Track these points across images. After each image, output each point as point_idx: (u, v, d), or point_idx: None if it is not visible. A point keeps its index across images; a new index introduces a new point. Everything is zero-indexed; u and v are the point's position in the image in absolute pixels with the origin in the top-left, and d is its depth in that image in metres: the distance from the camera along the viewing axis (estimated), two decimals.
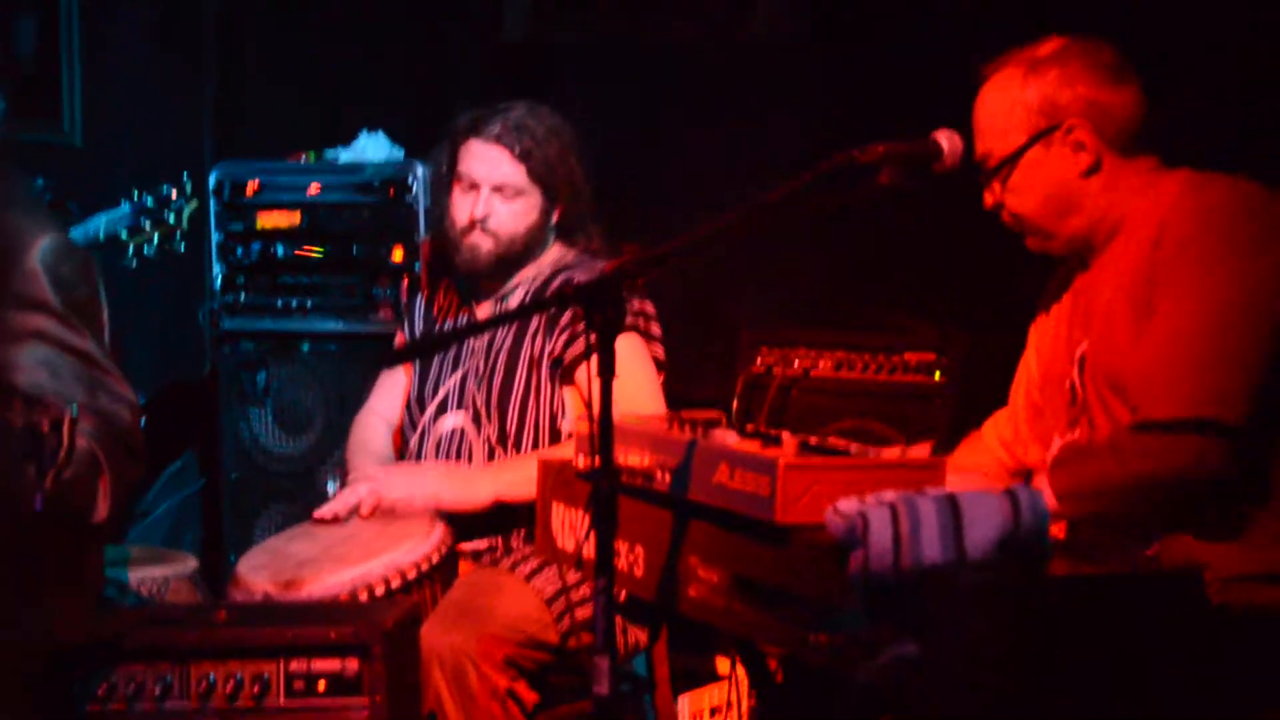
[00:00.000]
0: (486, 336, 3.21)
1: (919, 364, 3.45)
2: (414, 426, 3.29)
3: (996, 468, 2.69)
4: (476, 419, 3.19)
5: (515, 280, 3.24)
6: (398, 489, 3.07)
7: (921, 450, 2.38)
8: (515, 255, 3.21)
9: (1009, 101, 2.40)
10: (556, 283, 3.18)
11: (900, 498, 1.90)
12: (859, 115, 3.92)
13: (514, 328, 3.19)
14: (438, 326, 3.34)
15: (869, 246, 4.02)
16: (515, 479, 3.01)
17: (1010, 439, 2.68)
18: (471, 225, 3.18)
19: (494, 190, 3.17)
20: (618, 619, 3.07)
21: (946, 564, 1.84)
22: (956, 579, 1.84)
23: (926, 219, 3.79)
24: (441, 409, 3.24)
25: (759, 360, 3.66)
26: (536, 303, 2.60)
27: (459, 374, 3.23)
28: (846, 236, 3.99)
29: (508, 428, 3.16)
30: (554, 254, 3.28)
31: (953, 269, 3.99)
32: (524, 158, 3.15)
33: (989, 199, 2.49)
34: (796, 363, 3.60)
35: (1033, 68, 2.39)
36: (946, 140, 2.33)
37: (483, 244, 3.19)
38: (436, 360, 3.28)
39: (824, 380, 3.58)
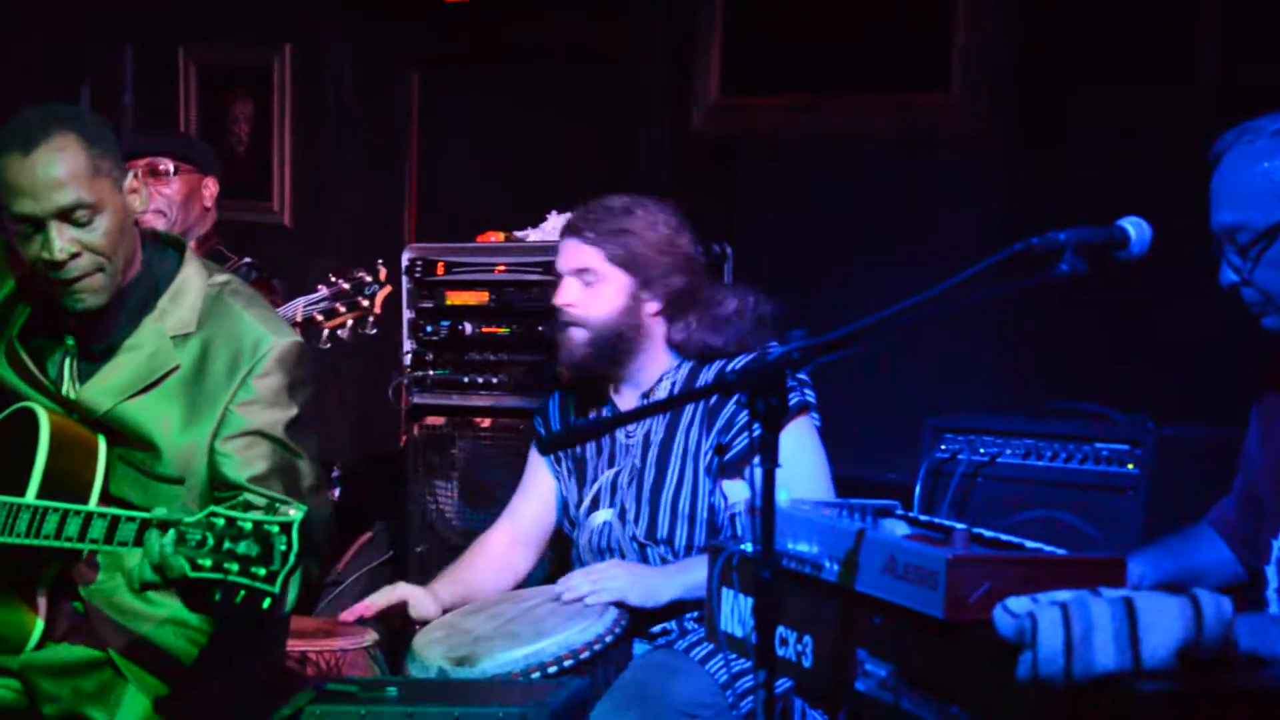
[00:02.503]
0: (641, 432, 3.19)
1: (1111, 454, 3.33)
2: (572, 525, 3.30)
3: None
4: (622, 515, 3.18)
5: (655, 374, 3.19)
6: (582, 589, 3.06)
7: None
8: (614, 344, 3.13)
9: (1270, 168, 2.26)
10: (710, 372, 3.14)
11: (1073, 598, 1.82)
12: (1045, 211, 3.87)
13: (667, 421, 3.15)
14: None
15: (1058, 334, 3.94)
16: (695, 581, 2.97)
17: (1228, 531, 2.53)
18: (559, 319, 3.17)
19: (574, 275, 3.14)
20: (797, 703, 3.02)
21: (1121, 670, 1.76)
22: (1132, 687, 1.76)
23: (1118, 306, 3.70)
24: (594, 505, 3.24)
25: (943, 446, 3.58)
26: (694, 390, 2.57)
27: (613, 471, 3.22)
28: (1035, 324, 3.92)
29: (657, 522, 3.14)
30: (671, 355, 3.19)
31: (1147, 357, 3.88)
32: (595, 242, 3.11)
33: (1230, 275, 2.34)
34: (982, 450, 3.51)
35: None
36: (1134, 228, 2.26)
37: (574, 336, 3.15)
38: (590, 459, 3.25)
39: (1011, 468, 3.48)
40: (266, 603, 2.22)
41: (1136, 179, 3.83)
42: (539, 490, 3.37)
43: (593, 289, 3.13)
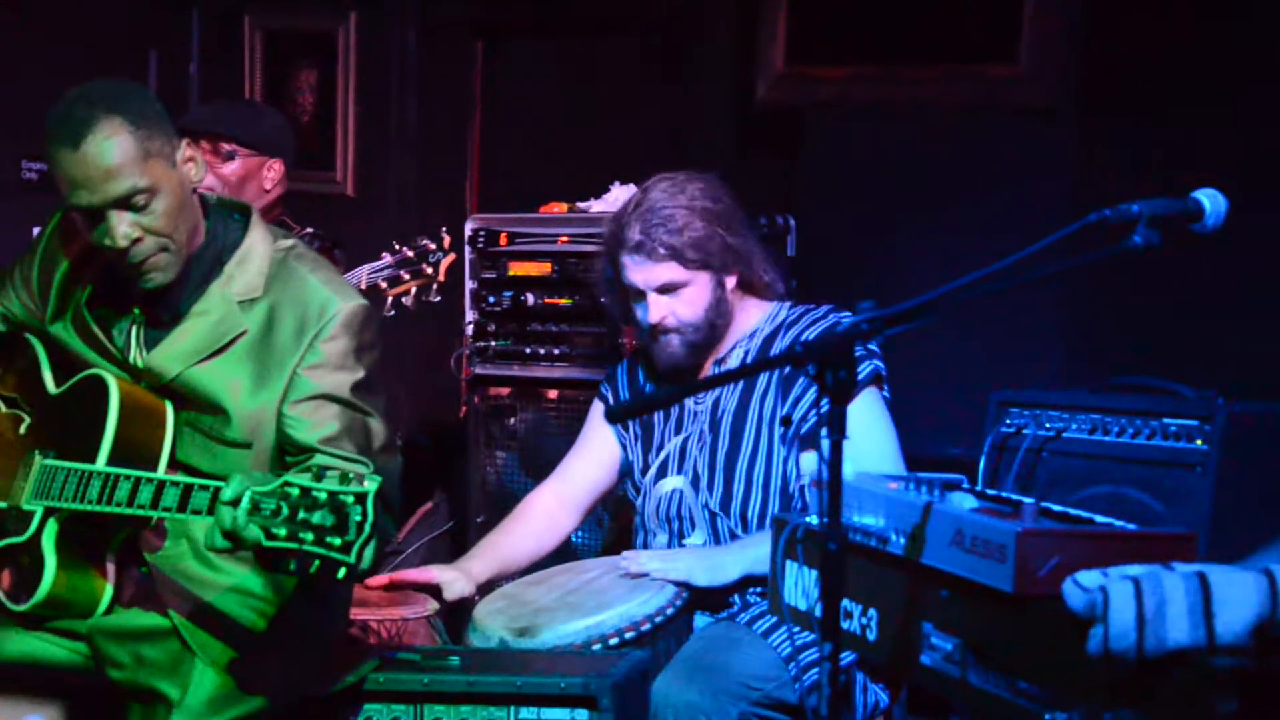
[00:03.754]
0: (710, 399, 3.18)
1: (1179, 430, 3.28)
2: (636, 491, 3.29)
3: None
4: (695, 483, 3.17)
5: (729, 342, 3.21)
6: (650, 564, 3.06)
7: None
8: (708, 335, 3.17)
9: None
10: (782, 340, 3.14)
11: (1146, 572, 1.79)
12: (1115, 185, 3.82)
13: (739, 389, 3.15)
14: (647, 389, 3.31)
15: (1125, 307, 3.89)
16: (762, 555, 2.96)
17: None
18: (654, 331, 3.17)
19: (659, 292, 3.14)
20: (859, 677, 3.01)
21: (1194, 646, 1.73)
22: (1206, 663, 1.73)
23: (1189, 281, 3.65)
24: (661, 472, 3.23)
25: (1008, 421, 3.54)
26: (769, 359, 2.55)
27: (681, 437, 3.22)
28: (1102, 297, 3.88)
29: (732, 490, 3.13)
30: (761, 309, 3.23)
31: (1217, 332, 3.83)
32: (670, 255, 3.10)
33: None
34: (1048, 425, 3.48)
35: None
36: (1209, 200, 2.22)
37: (672, 342, 3.16)
38: (657, 425, 3.25)
39: (1077, 443, 3.44)
40: (342, 572, 2.22)
41: (1208, 151, 3.78)
42: (597, 454, 3.36)
43: (680, 297, 3.14)
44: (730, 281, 3.17)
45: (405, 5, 5.32)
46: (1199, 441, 3.24)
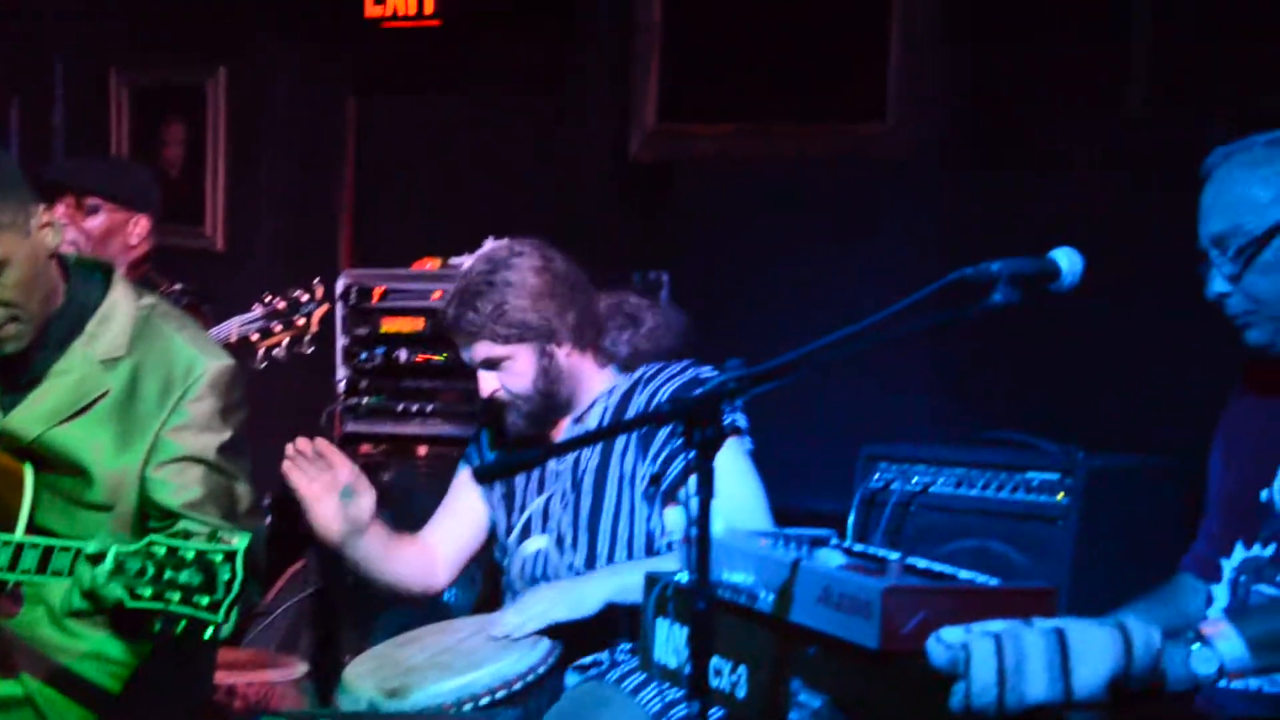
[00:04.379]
0: (571, 458, 3.17)
1: (1041, 484, 3.36)
2: (503, 553, 3.28)
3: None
4: (560, 543, 3.17)
5: (586, 399, 3.19)
6: (511, 624, 3.02)
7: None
8: (543, 404, 3.14)
9: (1265, 175, 2.28)
10: (640, 396, 3.13)
11: (1006, 629, 1.82)
12: (980, 237, 3.90)
13: (599, 447, 3.13)
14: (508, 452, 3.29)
15: (989, 363, 3.97)
16: (626, 584, 2.96)
17: (1199, 568, 2.49)
18: (491, 404, 3.18)
19: (484, 367, 3.15)
20: None
21: (1052, 701, 1.76)
22: (1062, 717, 1.76)
23: (1050, 336, 3.73)
24: (525, 533, 3.22)
25: (877, 475, 3.59)
26: (631, 419, 2.56)
27: (544, 497, 3.21)
28: (972, 351, 3.95)
29: (596, 549, 3.13)
30: (608, 371, 3.22)
31: (1076, 387, 3.92)
32: (480, 334, 3.09)
33: (1217, 285, 2.33)
34: (915, 479, 3.53)
35: None
36: (1066, 259, 2.27)
37: (509, 415, 3.16)
38: (519, 485, 3.24)
39: (944, 497, 3.50)
40: (209, 632, 2.18)
41: (1068, 206, 3.88)
42: (464, 514, 3.33)
43: (505, 371, 3.13)
44: (561, 351, 3.14)
45: (276, 59, 5.29)
46: (1060, 495, 3.31)
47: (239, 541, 2.20)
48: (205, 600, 2.17)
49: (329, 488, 3.07)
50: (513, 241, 3.19)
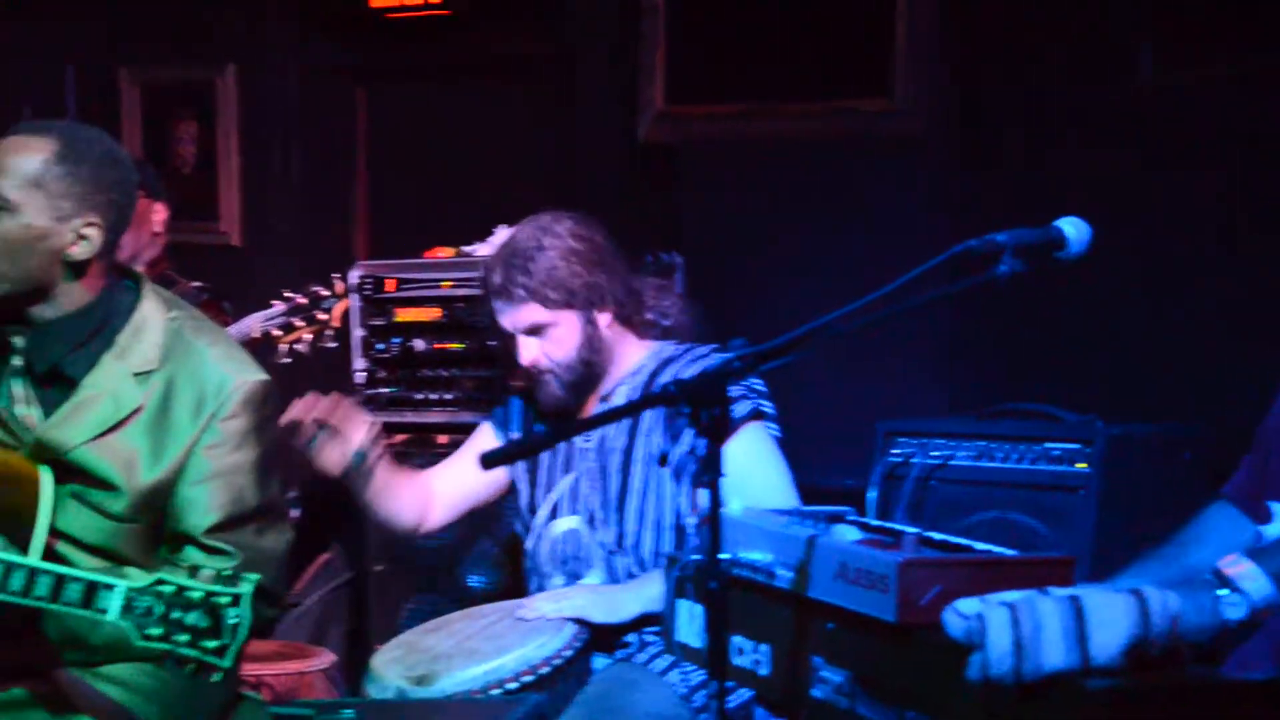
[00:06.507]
0: (597, 437, 3.18)
1: (1062, 454, 3.35)
2: (528, 531, 3.28)
3: None
4: (591, 521, 3.17)
5: (614, 380, 3.21)
6: (544, 609, 3.04)
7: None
8: (585, 373, 3.16)
9: None
10: (664, 377, 3.14)
11: (1022, 598, 1.82)
12: (991, 213, 3.90)
13: (626, 427, 3.15)
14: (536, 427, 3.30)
15: (1007, 336, 3.97)
16: (657, 594, 2.96)
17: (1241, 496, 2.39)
18: (530, 373, 3.18)
19: (527, 334, 3.14)
20: (758, 713, 3.02)
21: (1070, 669, 1.76)
22: (1080, 685, 1.76)
23: (1068, 307, 3.72)
24: (554, 513, 3.23)
25: (896, 451, 3.59)
26: (643, 399, 2.56)
27: (571, 477, 3.22)
28: (989, 324, 3.94)
29: (625, 528, 3.14)
30: (645, 347, 3.23)
31: (1095, 357, 3.92)
32: (530, 297, 3.09)
33: None
34: (935, 453, 3.53)
35: None
36: (1072, 228, 2.27)
37: (550, 384, 3.15)
38: (545, 463, 3.25)
39: (963, 470, 3.49)
40: (218, 676, 2.20)
41: (1076, 180, 3.87)
42: (470, 465, 3.29)
43: (548, 338, 3.13)
44: (603, 319, 3.15)
45: (284, 53, 5.30)
46: (1081, 465, 3.31)
47: (245, 586, 2.21)
48: (213, 644, 2.19)
49: (341, 451, 3.08)
50: (555, 212, 3.20)
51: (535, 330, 3.13)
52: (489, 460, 2.20)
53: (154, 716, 2.55)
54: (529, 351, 3.14)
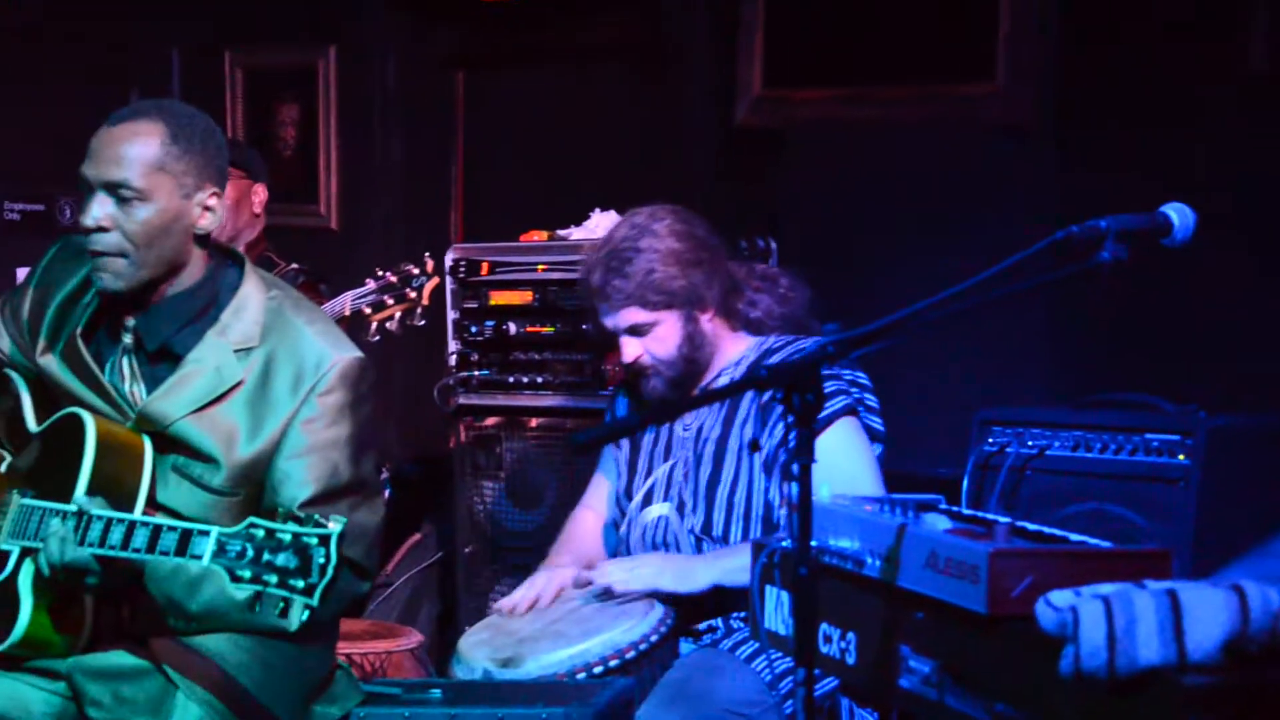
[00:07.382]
0: (695, 426, 3.17)
1: (1162, 445, 3.28)
2: (623, 516, 3.28)
3: None
4: (680, 509, 3.17)
5: (716, 370, 3.20)
6: (615, 576, 3.05)
7: None
8: (687, 370, 3.16)
9: None
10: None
11: (1116, 591, 1.78)
12: (1094, 200, 3.83)
13: (722, 416, 3.14)
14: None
15: (1108, 323, 3.90)
16: (734, 566, 2.96)
17: None
18: (633, 370, 3.18)
19: (630, 334, 3.15)
20: (844, 702, 3.00)
21: (1165, 664, 1.72)
22: (1177, 681, 1.72)
23: (1169, 295, 3.65)
24: (648, 499, 3.22)
25: (991, 440, 3.54)
26: (734, 384, 2.55)
27: (668, 464, 3.21)
28: (1088, 313, 3.88)
29: (713, 517, 3.12)
30: (747, 339, 3.22)
31: (1196, 346, 3.83)
32: (630, 300, 3.10)
33: None
34: (1031, 442, 3.47)
35: None
36: (1177, 214, 2.22)
37: (652, 380, 3.17)
38: (647, 452, 3.25)
39: (1060, 461, 3.43)
40: (305, 615, 2.24)
41: (1182, 167, 3.79)
42: (611, 481, 3.37)
43: (651, 336, 3.14)
44: (705, 316, 3.16)
45: (384, 38, 5.34)
46: (1181, 456, 3.24)
47: (334, 526, 2.25)
48: (301, 584, 2.23)
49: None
50: (653, 207, 3.20)
51: (637, 330, 3.14)
52: (578, 447, 2.21)
53: (250, 688, 2.59)
54: (632, 350, 3.15)
